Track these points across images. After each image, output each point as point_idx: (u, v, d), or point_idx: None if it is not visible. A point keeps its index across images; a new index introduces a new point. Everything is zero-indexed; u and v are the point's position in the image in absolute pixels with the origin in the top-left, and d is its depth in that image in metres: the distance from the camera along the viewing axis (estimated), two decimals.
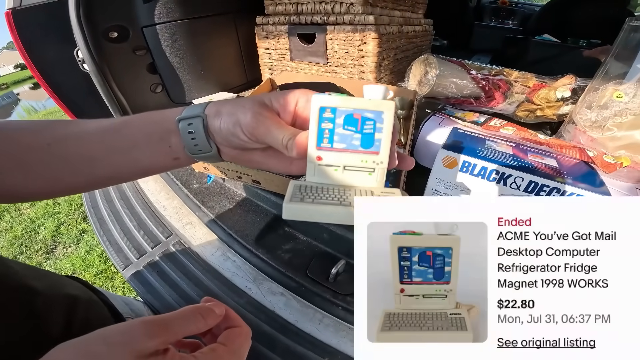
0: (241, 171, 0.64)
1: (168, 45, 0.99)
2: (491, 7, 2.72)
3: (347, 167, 0.25)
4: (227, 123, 0.27)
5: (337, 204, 0.23)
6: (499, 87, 0.75)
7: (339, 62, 0.92)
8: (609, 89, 0.65)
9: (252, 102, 0.28)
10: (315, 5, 0.90)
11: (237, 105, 0.28)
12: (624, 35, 0.66)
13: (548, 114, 0.81)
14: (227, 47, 1.13)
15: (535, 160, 0.50)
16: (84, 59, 0.88)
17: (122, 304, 0.50)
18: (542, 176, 0.45)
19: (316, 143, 0.25)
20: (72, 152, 0.29)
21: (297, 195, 0.24)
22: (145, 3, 0.94)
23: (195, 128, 0.28)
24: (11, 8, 0.82)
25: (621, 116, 0.63)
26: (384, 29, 0.87)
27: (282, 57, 1.02)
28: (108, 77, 0.90)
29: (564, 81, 0.78)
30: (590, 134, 0.64)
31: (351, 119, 0.24)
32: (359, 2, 0.84)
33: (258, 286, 0.60)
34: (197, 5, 1.01)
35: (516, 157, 0.50)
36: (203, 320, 0.25)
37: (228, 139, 0.28)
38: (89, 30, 0.84)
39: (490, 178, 0.48)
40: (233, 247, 0.66)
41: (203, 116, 0.28)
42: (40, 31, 0.86)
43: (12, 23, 0.82)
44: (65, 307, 0.35)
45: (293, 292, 0.56)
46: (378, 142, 0.25)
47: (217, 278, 0.63)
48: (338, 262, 0.54)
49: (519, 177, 0.46)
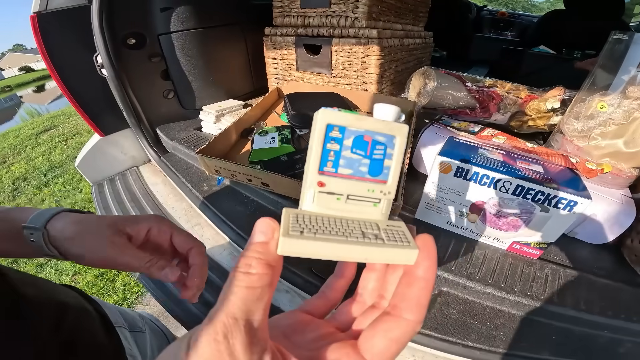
0: (251, 174, 0.68)
1: (181, 52, 1.04)
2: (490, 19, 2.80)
3: (351, 197, 0.22)
4: (79, 248, 0.30)
5: (344, 240, 0.19)
6: (492, 98, 0.80)
7: (343, 73, 0.98)
8: (594, 100, 0.70)
9: (105, 229, 0.31)
10: (322, 19, 0.95)
11: (88, 231, 0.30)
12: (608, 47, 0.68)
13: (539, 124, 0.85)
14: (236, 56, 1.18)
15: (523, 166, 0.54)
16: (103, 64, 0.93)
17: (116, 314, 0.49)
18: (528, 181, 0.49)
19: (319, 166, 0.21)
20: None
21: (295, 227, 0.19)
22: (162, 12, 0.99)
23: (36, 238, 0.30)
24: (37, 12, 0.86)
25: (605, 126, 0.67)
26: (386, 42, 0.93)
27: (289, 67, 1.08)
28: (124, 83, 0.95)
29: (554, 93, 0.83)
30: (577, 143, 0.69)
31: (361, 141, 0.21)
32: (363, 16, 0.89)
33: None
34: (209, 15, 1.06)
35: (506, 163, 0.54)
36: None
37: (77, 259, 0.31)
38: (110, 36, 0.89)
39: (482, 182, 0.52)
40: (241, 246, 0.70)
41: (44, 231, 0.30)
42: (63, 35, 0.90)
43: (36, 26, 0.85)
44: (55, 312, 0.34)
45: (299, 288, 0.60)
46: (387, 169, 0.22)
47: (224, 275, 0.67)
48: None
49: (508, 182, 0.51)
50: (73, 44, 0.92)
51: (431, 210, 0.60)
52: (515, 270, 0.53)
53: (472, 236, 0.59)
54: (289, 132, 0.76)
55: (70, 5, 0.89)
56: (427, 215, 0.62)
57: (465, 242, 0.58)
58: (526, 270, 0.53)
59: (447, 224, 0.61)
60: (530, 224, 0.52)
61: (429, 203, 0.60)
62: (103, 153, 1.11)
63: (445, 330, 0.47)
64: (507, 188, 0.51)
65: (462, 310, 0.50)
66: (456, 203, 0.57)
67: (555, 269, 0.53)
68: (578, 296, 0.48)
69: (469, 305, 0.51)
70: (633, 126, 0.64)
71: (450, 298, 0.52)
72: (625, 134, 0.65)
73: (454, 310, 0.50)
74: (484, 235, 0.58)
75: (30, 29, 0.87)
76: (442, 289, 0.54)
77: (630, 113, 0.65)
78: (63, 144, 3.42)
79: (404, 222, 0.22)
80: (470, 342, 0.45)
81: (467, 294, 0.52)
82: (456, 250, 0.56)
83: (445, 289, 0.53)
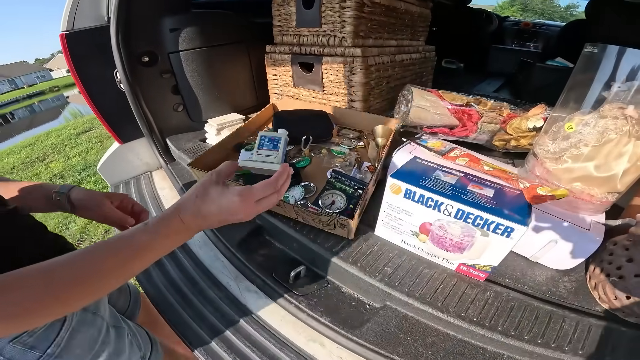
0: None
1: (189, 69, 1.14)
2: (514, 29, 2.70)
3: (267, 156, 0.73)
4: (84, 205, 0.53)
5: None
6: (470, 117, 0.81)
7: (333, 90, 1.03)
8: (566, 119, 0.68)
9: (101, 196, 0.54)
10: (314, 38, 1.01)
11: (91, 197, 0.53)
12: (580, 63, 0.62)
13: (523, 143, 0.85)
14: (241, 71, 1.27)
15: (474, 189, 0.56)
16: (121, 80, 1.04)
17: None
18: (469, 205, 0.52)
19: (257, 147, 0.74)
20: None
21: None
22: (172, 32, 1.10)
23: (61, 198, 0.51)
24: (65, 31, 0.99)
25: (577, 147, 0.65)
26: (373, 60, 0.97)
27: (287, 83, 1.14)
28: (139, 97, 1.07)
29: (535, 111, 0.82)
30: (547, 165, 0.68)
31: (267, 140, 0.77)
32: (349, 35, 0.94)
33: (237, 284, 0.71)
34: (215, 34, 1.16)
35: (456, 187, 0.56)
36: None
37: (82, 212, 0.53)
38: (126, 55, 1.01)
39: (427, 204, 0.55)
40: (221, 249, 0.77)
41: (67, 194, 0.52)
42: (87, 52, 1.02)
43: (65, 43, 0.98)
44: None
45: (261, 290, 0.66)
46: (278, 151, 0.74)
47: (205, 273, 0.74)
48: (297, 267, 0.63)
49: (450, 205, 0.53)
50: (96, 60, 1.04)
51: (387, 228, 0.64)
52: (457, 290, 0.55)
53: (424, 255, 0.62)
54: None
55: (92, 26, 1.02)
56: (384, 232, 0.65)
57: (416, 260, 0.61)
58: (468, 291, 0.54)
59: (402, 242, 0.63)
60: (473, 247, 0.54)
61: (385, 221, 0.63)
62: (121, 159, 1.23)
63: (377, 342, 0.50)
64: (449, 211, 0.53)
65: (399, 325, 0.53)
66: (408, 223, 0.60)
67: (499, 292, 0.54)
68: (512, 322, 0.50)
69: (407, 321, 0.54)
70: (606, 149, 0.62)
71: (391, 312, 0.55)
72: (597, 156, 0.63)
73: (391, 324, 0.53)
74: (434, 255, 0.60)
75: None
76: (386, 302, 0.57)
77: (604, 134, 0.62)
78: (99, 145, 3.73)
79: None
80: (398, 356, 0.48)
81: (407, 310, 0.54)
82: (405, 267, 0.59)
83: (389, 303, 0.56)
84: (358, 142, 0.94)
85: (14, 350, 0.38)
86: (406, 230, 0.61)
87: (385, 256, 0.62)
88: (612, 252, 0.57)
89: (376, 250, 0.63)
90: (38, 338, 0.40)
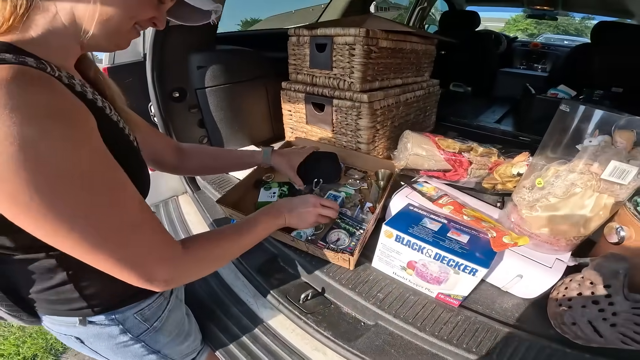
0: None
1: (214, 105, 1.26)
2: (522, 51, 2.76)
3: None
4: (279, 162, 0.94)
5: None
6: (461, 163, 0.93)
7: (341, 131, 1.15)
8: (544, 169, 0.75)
9: (294, 153, 0.96)
10: (326, 79, 1.13)
11: (283, 155, 0.94)
12: (556, 117, 0.69)
13: (509, 187, 0.96)
14: (259, 106, 1.39)
15: (453, 236, 0.69)
16: (155, 114, 1.19)
17: None
18: (444, 250, 0.65)
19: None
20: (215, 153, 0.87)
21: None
22: (198, 69, 1.21)
23: (265, 159, 0.92)
24: (107, 66, 1.15)
25: (547, 198, 0.76)
26: (378, 104, 1.08)
27: (300, 119, 1.27)
28: (170, 130, 1.21)
29: (520, 158, 0.94)
30: (522, 212, 0.80)
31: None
32: (358, 81, 1.04)
33: (256, 301, 0.86)
34: (238, 71, 1.28)
35: (438, 233, 0.69)
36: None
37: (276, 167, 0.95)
38: (160, 91, 1.14)
39: (413, 248, 0.68)
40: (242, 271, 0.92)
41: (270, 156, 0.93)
42: (126, 85, 1.11)
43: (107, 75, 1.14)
44: None
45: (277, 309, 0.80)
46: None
47: (227, 291, 0.89)
48: (307, 290, 0.77)
49: (430, 250, 0.66)
50: (135, 92, 1.17)
51: (382, 262, 0.77)
52: (434, 314, 0.68)
53: (411, 285, 0.75)
54: (288, 189, 0.97)
55: (130, 61, 1.17)
56: (379, 265, 0.79)
57: (403, 289, 0.74)
58: (443, 315, 0.68)
59: (393, 274, 0.77)
60: (448, 281, 0.67)
61: (380, 257, 0.77)
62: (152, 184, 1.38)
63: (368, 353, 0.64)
64: (429, 254, 0.67)
65: (386, 339, 0.67)
66: (398, 259, 0.73)
67: (468, 316, 0.67)
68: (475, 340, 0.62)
69: (393, 337, 0.68)
70: (572, 201, 0.72)
71: (381, 329, 0.69)
72: (563, 207, 0.74)
73: (380, 339, 0.67)
74: (418, 285, 0.74)
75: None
76: (377, 321, 0.71)
77: (570, 189, 0.73)
78: None
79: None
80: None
81: (394, 328, 0.68)
82: (395, 294, 0.73)
83: (380, 322, 0.71)
84: (362, 184, 1.05)
85: (134, 321, 0.51)
86: (397, 264, 0.74)
87: (379, 284, 0.75)
88: (567, 287, 0.68)
89: (372, 279, 0.77)
90: (153, 312, 0.54)
